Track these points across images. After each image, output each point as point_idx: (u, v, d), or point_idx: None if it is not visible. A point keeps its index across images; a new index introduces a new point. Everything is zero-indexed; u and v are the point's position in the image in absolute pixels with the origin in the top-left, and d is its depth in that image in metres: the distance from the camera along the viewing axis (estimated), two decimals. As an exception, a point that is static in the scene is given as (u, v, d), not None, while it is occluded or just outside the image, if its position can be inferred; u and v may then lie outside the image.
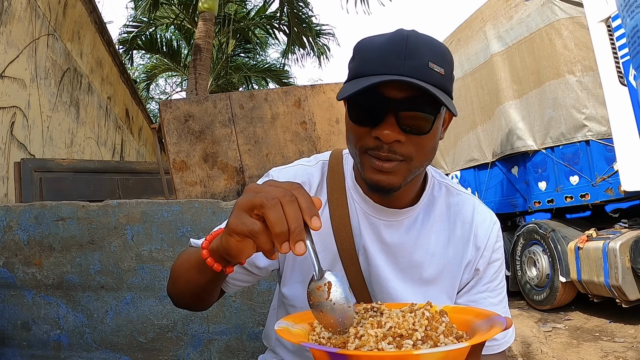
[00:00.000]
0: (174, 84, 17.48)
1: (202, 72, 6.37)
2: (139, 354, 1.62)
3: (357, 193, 0.82)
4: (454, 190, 0.87)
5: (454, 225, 0.83)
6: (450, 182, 0.89)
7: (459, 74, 5.66)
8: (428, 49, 0.68)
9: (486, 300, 0.82)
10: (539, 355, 3.05)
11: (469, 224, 0.83)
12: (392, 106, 0.67)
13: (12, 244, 1.66)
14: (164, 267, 1.63)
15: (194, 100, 2.40)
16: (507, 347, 0.82)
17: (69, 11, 5.11)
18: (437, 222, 0.83)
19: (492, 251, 0.84)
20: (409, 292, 0.81)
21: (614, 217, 4.40)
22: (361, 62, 0.70)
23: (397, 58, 0.66)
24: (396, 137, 0.68)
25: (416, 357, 0.45)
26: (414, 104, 0.67)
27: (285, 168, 0.87)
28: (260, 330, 1.61)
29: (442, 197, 0.85)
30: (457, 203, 0.85)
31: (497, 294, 0.84)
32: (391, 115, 0.67)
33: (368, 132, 0.70)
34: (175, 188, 2.28)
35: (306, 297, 0.54)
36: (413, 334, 0.51)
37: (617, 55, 3.35)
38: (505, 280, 0.88)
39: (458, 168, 5.84)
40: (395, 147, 0.69)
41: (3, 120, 3.64)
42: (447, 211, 0.84)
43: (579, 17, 3.99)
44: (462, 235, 0.83)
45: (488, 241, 0.83)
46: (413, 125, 0.68)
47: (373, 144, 0.70)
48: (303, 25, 8.42)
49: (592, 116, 3.91)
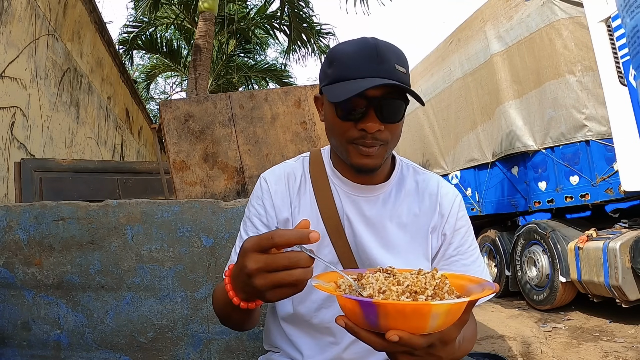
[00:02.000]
0: (174, 84, 17.50)
1: (202, 72, 6.37)
2: (139, 354, 1.62)
3: (337, 177, 0.96)
4: (419, 170, 1.02)
5: (422, 197, 0.97)
6: (415, 164, 1.04)
7: (459, 74, 5.66)
8: (392, 53, 0.84)
9: (459, 262, 0.94)
10: (539, 355, 3.05)
11: (434, 195, 0.97)
12: (372, 103, 0.82)
13: (12, 244, 1.66)
14: (164, 267, 1.63)
15: (194, 100, 2.40)
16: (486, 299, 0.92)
17: (69, 11, 5.11)
18: (408, 196, 0.97)
19: (456, 219, 0.96)
20: (389, 258, 0.92)
21: (614, 217, 4.40)
22: (341, 68, 0.84)
23: (372, 63, 0.81)
24: (378, 127, 0.83)
25: (431, 306, 0.57)
26: (389, 99, 0.83)
27: (272, 169, 1.01)
28: (260, 330, 1.61)
29: (410, 175, 1.00)
30: (423, 180, 0.99)
31: (468, 255, 0.95)
32: (372, 110, 0.83)
33: (353, 125, 0.85)
34: (175, 188, 2.28)
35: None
36: (425, 291, 0.63)
37: (617, 55, 3.35)
38: (476, 244, 0.99)
39: (458, 168, 5.84)
40: (377, 135, 0.84)
41: (3, 120, 3.64)
42: (416, 186, 0.98)
43: (579, 17, 3.99)
44: (429, 205, 0.96)
45: (452, 209, 0.96)
46: (389, 115, 0.84)
47: (358, 134, 0.84)
48: (304, 25, 8.42)
49: (592, 116, 3.91)
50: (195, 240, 1.63)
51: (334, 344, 0.92)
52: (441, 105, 6.12)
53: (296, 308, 0.93)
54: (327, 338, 0.93)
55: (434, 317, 0.58)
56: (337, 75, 0.84)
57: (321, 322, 0.92)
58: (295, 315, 0.94)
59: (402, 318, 0.58)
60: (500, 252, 5.11)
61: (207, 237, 1.63)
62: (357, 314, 0.62)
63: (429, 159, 6.45)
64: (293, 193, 0.95)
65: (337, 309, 0.88)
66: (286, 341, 0.97)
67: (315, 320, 0.92)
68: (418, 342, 0.59)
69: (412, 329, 0.59)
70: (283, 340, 0.98)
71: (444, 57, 6.04)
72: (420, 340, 0.59)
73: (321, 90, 0.92)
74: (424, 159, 6.53)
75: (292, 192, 0.95)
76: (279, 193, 0.95)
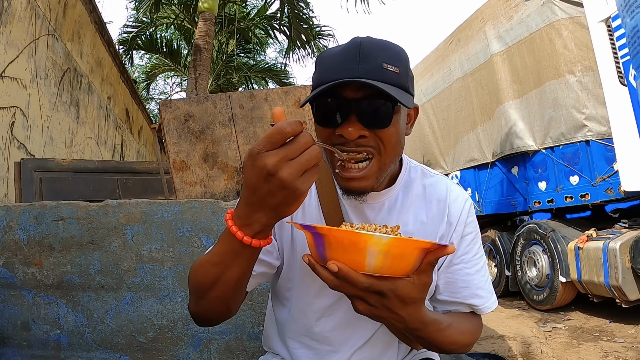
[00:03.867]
0: (174, 84, 17.49)
1: (202, 72, 6.36)
2: (139, 354, 1.62)
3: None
4: (428, 172, 0.95)
5: (430, 203, 0.90)
6: (424, 166, 0.96)
7: (459, 74, 5.66)
8: (381, 51, 0.75)
9: (462, 270, 0.88)
10: (539, 355, 3.05)
11: (443, 201, 0.90)
12: (352, 106, 0.74)
13: (12, 244, 1.66)
14: (164, 267, 1.63)
15: (194, 100, 2.40)
16: (487, 312, 0.90)
17: (69, 11, 5.11)
18: (415, 202, 0.91)
19: (464, 226, 0.90)
20: None
21: (614, 217, 4.40)
22: (321, 71, 0.78)
23: (352, 62, 0.73)
24: (359, 132, 0.75)
25: (367, 238, 0.59)
26: (370, 101, 0.74)
27: None
28: (260, 330, 1.61)
29: (418, 178, 0.92)
30: (431, 184, 0.92)
31: (472, 264, 0.90)
32: (352, 114, 0.75)
33: (332, 132, 0.77)
34: (175, 188, 2.28)
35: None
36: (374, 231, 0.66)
37: (617, 55, 3.35)
38: (483, 252, 0.94)
39: (458, 168, 5.84)
40: (362, 142, 0.76)
41: (3, 120, 3.64)
42: (423, 191, 0.92)
43: (579, 17, 3.99)
44: (437, 212, 0.90)
45: (460, 217, 0.90)
46: (373, 120, 0.75)
47: (338, 141, 0.77)
48: (304, 25, 8.42)
49: (592, 116, 3.91)
50: (195, 240, 1.63)
51: (333, 352, 0.91)
52: (441, 105, 6.12)
53: (296, 317, 0.92)
54: (325, 347, 0.91)
55: (371, 253, 0.60)
56: (318, 79, 0.78)
57: (322, 331, 0.90)
58: (294, 322, 0.92)
59: (342, 249, 0.61)
60: (500, 252, 5.11)
61: (207, 237, 1.63)
62: (312, 247, 0.65)
63: (429, 159, 6.45)
64: None
65: (339, 317, 0.89)
66: (283, 347, 0.97)
67: (316, 329, 0.90)
68: (358, 279, 0.61)
69: (351, 263, 0.61)
70: (280, 346, 0.98)
71: (444, 57, 6.04)
72: (360, 277, 0.61)
73: None
74: (424, 159, 6.53)
75: None
76: None
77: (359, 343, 0.90)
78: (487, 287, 0.90)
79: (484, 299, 0.88)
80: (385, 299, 0.65)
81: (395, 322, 0.69)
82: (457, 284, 0.88)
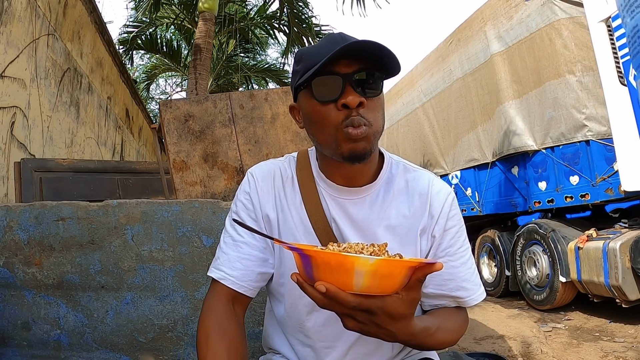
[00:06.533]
0: (174, 84, 17.49)
1: (202, 72, 6.36)
2: (139, 354, 1.62)
3: (322, 180, 0.92)
4: (410, 167, 0.96)
5: (412, 197, 0.92)
6: (406, 161, 0.98)
7: (459, 74, 5.66)
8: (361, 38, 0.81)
9: (447, 263, 0.88)
10: (539, 355, 3.05)
11: (425, 195, 0.92)
12: (348, 78, 0.80)
13: (12, 244, 1.66)
14: (164, 267, 1.63)
15: (194, 100, 2.40)
16: (474, 304, 0.92)
17: (69, 11, 5.11)
18: (397, 197, 0.92)
19: (446, 219, 0.91)
20: None
21: (614, 217, 4.39)
22: (308, 59, 0.83)
23: (340, 42, 0.79)
24: (359, 99, 0.79)
25: (354, 260, 0.59)
26: (364, 71, 0.81)
27: (259, 165, 0.98)
28: (260, 330, 1.61)
29: (400, 174, 0.94)
30: (414, 178, 0.94)
31: (458, 257, 0.91)
32: (349, 85, 0.80)
33: (334, 107, 0.81)
34: (175, 188, 2.28)
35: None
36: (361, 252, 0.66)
37: (617, 55, 3.34)
38: (468, 245, 0.95)
39: (458, 168, 5.84)
40: (362, 113, 0.80)
41: (3, 120, 3.64)
42: (406, 186, 0.93)
43: (579, 17, 3.99)
44: (419, 206, 0.91)
45: (442, 210, 0.91)
46: (368, 88, 0.81)
47: (343, 115, 0.81)
48: (303, 25, 8.41)
49: (592, 116, 3.91)
50: (196, 240, 1.63)
51: (329, 349, 0.91)
52: (441, 105, 6.12)
53: (290, 312, 0.93)
54: (320, 343, 0.92)
55: (358, 274, 0.60)
56: (305, 66, 0.84)
57: (314, 325, 0.91)
58: (288, 318, 0.93)
59: (329, 270, 0.62)
60: (500, 252, 5.11)
61: (207, 237, 1.63)
62: (300, 267, 0.66)
63: (429, 159, 6.45)
64: (278, 192, 0.93)
65: (329, 312, 0.88)
66: (284, 344, 0.97)
67: (308, 324, 0.91)
68: (346, 298, 0.62)
69: (339, 284, 0.61)
70: (282, 344, 0.98)
71: (444, 57, 6.04)
72: (348, 297, 0.62)
73: (295, 95, 0.91)
74: (424, 159, 6.53)
75: (277, 191, 0.94)
76: (264, 190, 0.93)
77: (353, 338, 0.90)
78: (473, 279, 0.92)
79: (470, 291, 0.91)
80: (374, 316, 0.66)
81: (385, 337, 0.70)
82: (442, 277, 0.89)
